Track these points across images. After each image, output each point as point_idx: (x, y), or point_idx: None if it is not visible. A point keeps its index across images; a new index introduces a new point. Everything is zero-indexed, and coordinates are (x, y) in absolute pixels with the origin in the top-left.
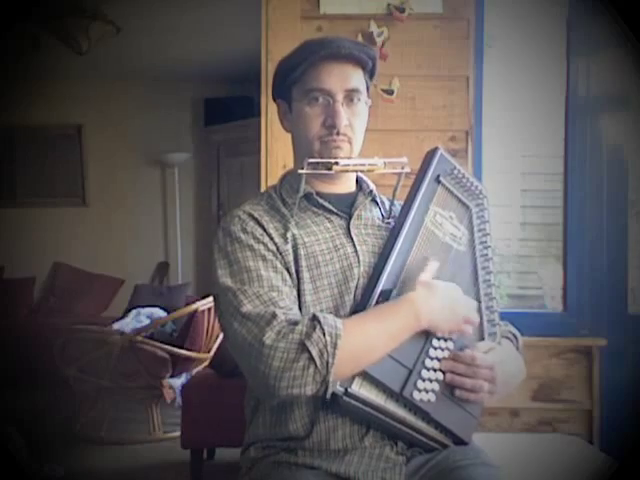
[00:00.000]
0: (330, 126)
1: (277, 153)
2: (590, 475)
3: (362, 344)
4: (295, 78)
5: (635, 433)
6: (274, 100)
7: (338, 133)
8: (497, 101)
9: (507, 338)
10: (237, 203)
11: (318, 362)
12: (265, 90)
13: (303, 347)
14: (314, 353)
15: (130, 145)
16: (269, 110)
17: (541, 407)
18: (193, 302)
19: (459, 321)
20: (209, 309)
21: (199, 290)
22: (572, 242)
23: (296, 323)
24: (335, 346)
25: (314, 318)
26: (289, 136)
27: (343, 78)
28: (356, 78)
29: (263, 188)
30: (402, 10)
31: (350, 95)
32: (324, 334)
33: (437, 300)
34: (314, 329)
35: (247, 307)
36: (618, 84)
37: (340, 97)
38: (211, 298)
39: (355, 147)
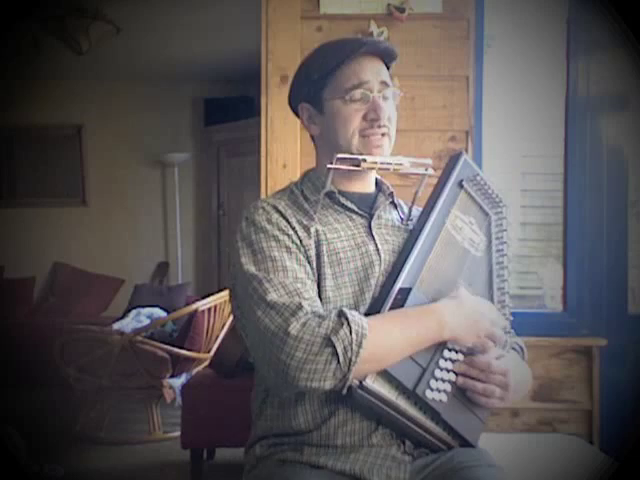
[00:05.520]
0: (372, 119)
1: (277, 153)
2: (590, 475)
3: (384, 346)
4: (329, 78)
5: (635, 433)
6: (293, 107)
7: (379, 126)
8: (497, 101)
9: (514, 349)
10: (237, 203)
11: (341, 358)
12: (265, 90)
13: (328, 341)
14: (339, 349)
15: (130, 145)
16: (269, 110)
17: (541, 407)
18: (193, 302)
19: (482, 336)
20: (209, 309)
21: (199, 290)
22: (572, 242)
23: (322, 316)
24: (360, 345)
25: (341, 314)
26: (289, 136)
27: (376, 71)
28: (385, 72)
29: (263, 188)
30: (402, 10)
31: (384, 89)
32: (351, 332)
33: (463, 314)
34: (341, 325)
35: (272, 296)
36: (618, 84)
37: (376, 90)
38: (211, 298)
39: (391, 144)
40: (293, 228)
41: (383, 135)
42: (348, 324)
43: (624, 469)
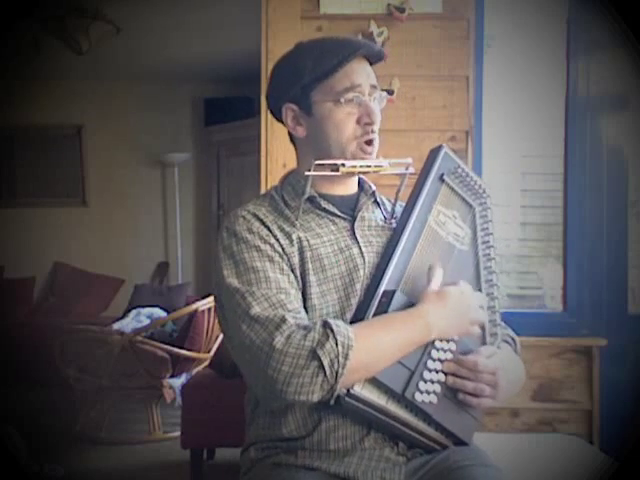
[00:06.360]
0: (366, 124)
1: (277, 153)
2: (590, 475)
3: (371, 355)
4: (319, 79)
5: (635, 433)
6: (274, 107)
7: (373, 131)
8: (497, 101)
9: (506, 342)
10: (237, 203)
11: (328, 371)
12: (265, 90)
13: (314, 355)
14: (325, 362)
15: (130, 145)
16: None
17: (541, 407)
18: (193, 302)
19: (467, 325)
20: (209, 309)
21: (199, 290)
22: (572, 242)
23: (306, 328)
24: (346, 357)
25: (326, 325)
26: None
27: (367, 75)
28: (373, 75)
29: (263, 188)
30: (402, 10)
31: (373, 92)
32: (337, 344)
33: (448, 311)
34: (327, 338)
35: (256, 309)
36: (618, 84)
37: (367, 93)
38: (211, 298)
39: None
40: (275, 236)
41: (374, 140)
42: (334, 336)
43: (624, 469)
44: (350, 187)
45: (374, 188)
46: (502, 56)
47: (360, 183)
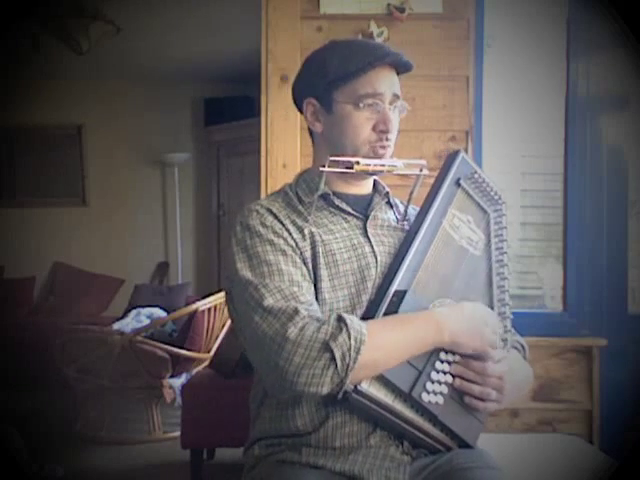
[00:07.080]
0: (381, 131)
1: (277, 153)
2: (590, 475)
3: (383, 352)
4: (343, 80)
5: (635, 433)
6: (297, 99)
7: (387, 139)
8: (497, 101)
9: (515, 348)
10: (237, 203)
11: (339, 364)
12: (265, 90)
13: (327, 347)
14: (337, 355)
15: (130, 145)
16: (269, 110)
17: (541, 407)
18: (193, 302)
19: (483, 344)
20: (209, 309)
21: (199, 290)
22: (572, 242)
23: (319, 320)
24: (358, 351)
25: (340, 319)
26: (289, 136)
27: (391, 83)
28: (397, 85)
29: (263, 188)
30: (402, 10)
31: (394, 101)
32: (349, 337)
33: (463, 321)
34: (340, 331)
35: (269, 301)
36: (618, 84)
37: (388, 102)
38: (211, 298)
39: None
40: (287, 230)
41: (388, 147)
42: (347, 330)
43: (624, 469)
44: (364, 187)
45: (388, 189)
46: (502, 56)
47: (375, 184)
